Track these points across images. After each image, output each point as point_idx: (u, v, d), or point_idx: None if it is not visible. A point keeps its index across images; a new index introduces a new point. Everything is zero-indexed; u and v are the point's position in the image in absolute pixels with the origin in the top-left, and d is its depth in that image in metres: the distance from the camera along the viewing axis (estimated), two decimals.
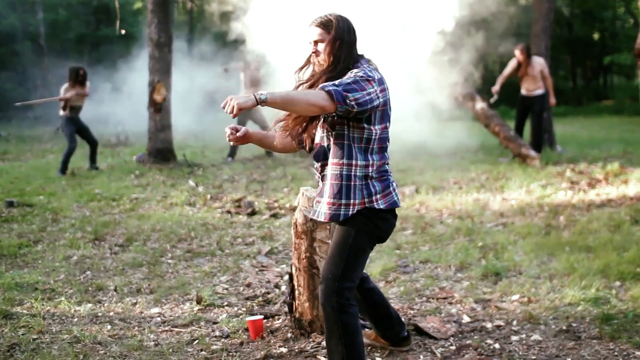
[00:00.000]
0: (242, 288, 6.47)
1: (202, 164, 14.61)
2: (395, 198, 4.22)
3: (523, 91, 13.97)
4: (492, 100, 14.42)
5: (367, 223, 4.13)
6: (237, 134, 4.13)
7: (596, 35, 40.78)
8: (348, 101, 3.82)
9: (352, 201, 4.10)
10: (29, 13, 32.95)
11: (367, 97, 3.90)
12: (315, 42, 4.13)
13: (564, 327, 5.24)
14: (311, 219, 4.50)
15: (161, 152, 14.58)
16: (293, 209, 9.48)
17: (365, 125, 4.05)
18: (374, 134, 4.09)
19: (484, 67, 40.79)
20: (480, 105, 13.83)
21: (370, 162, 4.12)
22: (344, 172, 4.10)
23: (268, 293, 6.28)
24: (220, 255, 7.65)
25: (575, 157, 13.79)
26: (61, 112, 13.29)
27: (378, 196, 4.13)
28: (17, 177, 13.10)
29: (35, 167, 14.81)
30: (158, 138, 14.60)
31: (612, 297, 5.84)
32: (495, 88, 14.12)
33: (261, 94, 3.67)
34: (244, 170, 13.64)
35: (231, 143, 4.17)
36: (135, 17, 34.78)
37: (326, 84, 3.87)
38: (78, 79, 13.13)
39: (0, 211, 9.67)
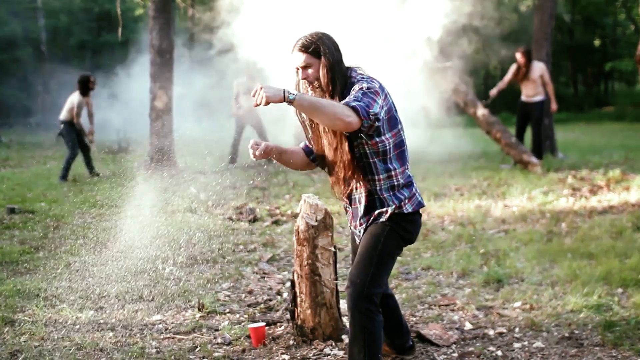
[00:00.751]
0: (244, 295, 6.47)
1: (203, 170, 14.60)
2: (420, 198, 4.25)
3: (523, 97, 13.97)
4: (486, 102, 14.32)
5: (396, 228, 4.14)
6: (259, 149, 4.02)
7: (597, 42, 40.86)
8: (371, 116, 3.79)
9: (384, 209, 4.13)
10: (30, 19, 33.01)
11: (379, 109, 3.87)
12: (304, 68, 4.06)
13: (567, 334, 5.23)
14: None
15: (163, 159, 14.57)
16: (295, 216, 9.48)
17: (377, 139, 4.02)
18: (387, 144, 4.06)
19: (485, 73, 40.91)
20: (481, 111, 13.84)
21: (392, 171, 4.12)
22: (371, 188, 4.13)
23: (270, 300, 6.27)
24: (222, 262, 7.65)
25: (576, 163, 13.79)
26: (64, 118, 13.32)
27: (405, 201, 4.15)
28: (19, 183, 13.10)
29: (36, 173, 14.82)
30: (159, 144, 14.60)
31: (614, 304, 5.83)
32: (493, 92, 14.08)
33: (290, 93, 3.63)
34: (246, 177, 13.64)
35: (254, 159, 4.05)
36: (137, 23, 34.86)
37: (347, 100, 3.82)
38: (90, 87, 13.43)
39: (2, 218, 9.67)
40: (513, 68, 13.96)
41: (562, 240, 8.02)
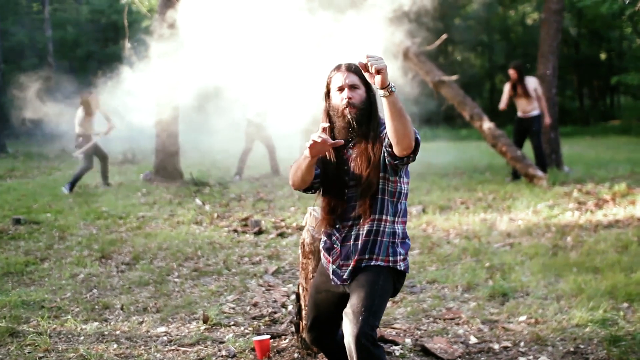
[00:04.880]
0: (248, 307, 6.46)
1: (209, 182, 14.63)
2: (408, 263, 4.14)
3: (519, 113, 13.95)
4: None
5: (392, 274, 4.04)
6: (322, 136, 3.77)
7: (603, 55, 40.86)
8: (410, 160, 3.79)
9: (375, 256, 4.00)
10: (37, 30, 33.18)
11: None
12: (351, 87, 3.95)
13: (572, 349, 5.21)
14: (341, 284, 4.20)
15: (168, 170, 14.61)
16: (300, 228, 9.48)
17: (397, 178, 3.99)
18: (402, 188, 4.04)
19: (491, 86, 40.94)
20: (487, 125, 13.83)
21: (397, 218, 4.05)
22: (373, 228, 4.00)
23: (275, 313, 6.26)
24: (227, 274, 7.64)
25: (582, 177, 13.76)
26: (79, 131, 13.42)
27: (400, 257, 4.04)
28: (25, 194, 13.13)
29: (42, 184, 14.85)
30: (165, 156, 14.63)
31: (619, 318, 5.81)
32: (502, 106, 14.02)
33: (393, 86, 3.55)
34: (251, 189, 13.65)
35: (309, 143, 3.77)
36: (144, 34, 34.95)
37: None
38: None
39: (7, 228, 9.69)
40: (507, 87, 13.94)
41: (568, 254, 8.01)
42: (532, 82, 13.77)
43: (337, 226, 4.11)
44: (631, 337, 5.34)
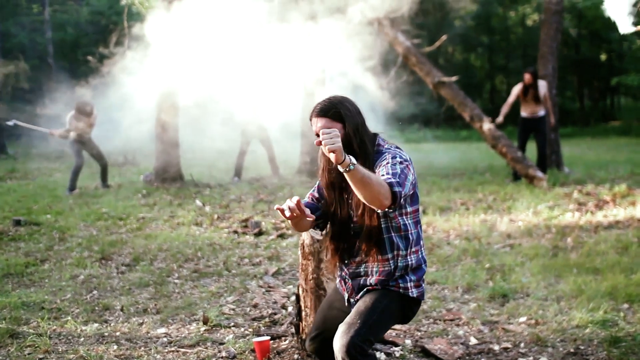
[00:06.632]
0: (248, 309, 6.46)
1: (209, 183, 14.61)
2: (424, 289, 4.04)
3: (525, 114, 13.97)
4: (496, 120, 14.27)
5: (399, 301, 3.95)
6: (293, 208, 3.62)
7: (603, 56, 40.89)
8: (402, 201, 3.61)
9: (389, 283, 3.92)
10: (37, 32, 33.19)
11: (410, 186, 3.69)
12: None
13: (572, 350, 5.21)
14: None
15: (168, 172, 14.60)
16: None
17: (397, 214, 3.85)
18: (408, 219, 3.90)
19: (491, 88, 40.96)
20: (487, 126, 13.83)
21: (409, 250, 3.93)
22: (385, 268, 3.90)
23: (275, 314, 6.26)
24: (227, 275, 7.64)
25: (582, 178, 13.77)
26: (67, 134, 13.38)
27: (410, 284, 3.94)
28: (25, 195, 13.13)
29: (42, 185, 14.85)
30: (165, 157, 14.62)
31: (620, 319, 5.81)
32: (499, 119, 14.01)
33: (352, 163, 3.36)
34: (251, 190, 13.64)
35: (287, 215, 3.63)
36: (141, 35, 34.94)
37: (389, 178, 3.58)
38: (86, 112, 13.34)
39: (7, 230, 9.69)
40: (517, 88, 13.95)
41: (568, 255, 8.01)
42: (542, 87, 13.80)
43: (345, 261, 4.03)
44: (631, 338, 5.34)
